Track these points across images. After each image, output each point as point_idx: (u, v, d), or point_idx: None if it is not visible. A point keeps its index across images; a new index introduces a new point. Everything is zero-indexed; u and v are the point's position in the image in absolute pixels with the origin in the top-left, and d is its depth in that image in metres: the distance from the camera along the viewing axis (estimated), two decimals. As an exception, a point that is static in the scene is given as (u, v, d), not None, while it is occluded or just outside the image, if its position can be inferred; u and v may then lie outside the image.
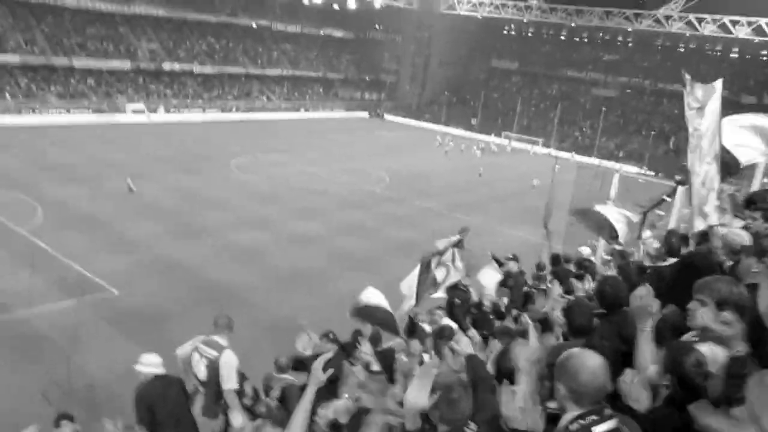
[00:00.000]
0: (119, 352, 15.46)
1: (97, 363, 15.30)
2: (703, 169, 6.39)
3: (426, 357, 7.22)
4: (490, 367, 4.83)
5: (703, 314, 3.28)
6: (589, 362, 2.67)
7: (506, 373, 4.28)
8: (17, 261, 20.97)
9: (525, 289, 10.78)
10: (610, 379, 2.68)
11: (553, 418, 3.12)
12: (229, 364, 6.61)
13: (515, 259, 11.50)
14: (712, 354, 2.98)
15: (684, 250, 6.54)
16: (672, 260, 6.51)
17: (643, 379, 3.21)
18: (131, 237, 26.05)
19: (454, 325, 7.69)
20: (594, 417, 2.61)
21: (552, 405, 3.13)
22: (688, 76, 6.21)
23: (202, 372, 6.70)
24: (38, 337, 16.70)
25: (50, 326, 17.13)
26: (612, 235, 10.77)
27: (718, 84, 6.32)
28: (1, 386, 14.44)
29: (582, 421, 2.62)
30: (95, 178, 35.36)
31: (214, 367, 6.61)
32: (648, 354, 3.40)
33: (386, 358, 7.74)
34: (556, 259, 11.64)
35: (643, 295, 3.65)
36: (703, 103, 6.29)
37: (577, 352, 2.78)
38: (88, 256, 22.93)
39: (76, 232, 25.76)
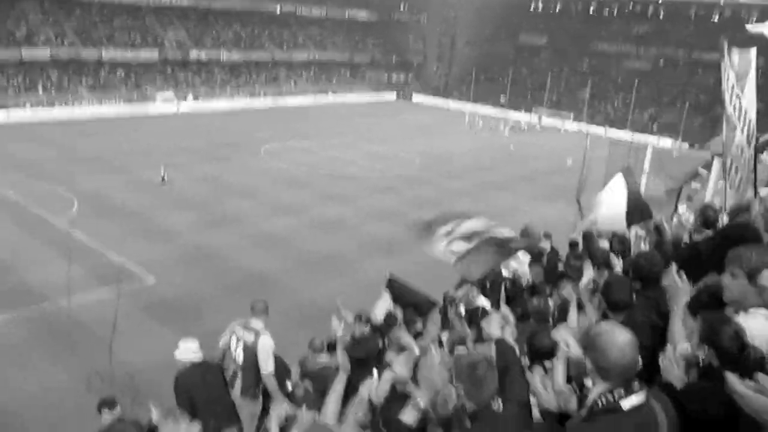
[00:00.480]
0: (158, 341, 15.72)
1: (137, 351, 15.59)
2: (743, 140, 6.18)
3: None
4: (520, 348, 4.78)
5: (735, 286, 3.27)
6: (618, 339, 2.65)
7: (538, 354, 4.23)
8: (55, 252, 21.39)
9: (559, 267, 10.62)
10: (638, 356, 2.66)
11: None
12: (266, 348, 6.76)
13: (548, 236, 11.34)
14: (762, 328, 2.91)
15: (719, 224, 6.38)
16: (708, 233, 6.35)
17: (677, 354, 3.16)
18: (165, 226, 26.43)
19: (487, 305, 7.64)
20: (621, 391, 2.62)
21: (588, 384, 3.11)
22: (725, 43, 5.98)
23: (240, 356, 6.83)
24: (78, 326, 17.07)
25: (89, 316, 17.49)
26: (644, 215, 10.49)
27: (753, 51, 6.09)
28: (45, 377, 14.81)
29: (609, 396, 2.63)
30: (128, 168, 35.87)
31: (251, 351, 6.74)
32: (679, 331, 3.38)
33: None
34: (588, 237, 11.42)
35: (674, 273, 3.68)
36: (742, 72, 6.05)
37: (606, 328, 2.77)
38: (124, 246, 23.34)
39: (112, 222, 26.22)
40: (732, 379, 2.55)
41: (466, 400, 3.29)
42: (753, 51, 6.07)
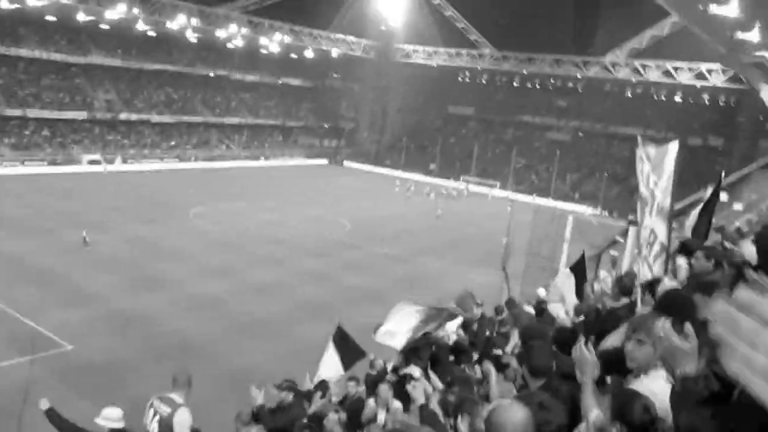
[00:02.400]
0: (73, 411, 14.91)
1: (50, 424, 14.75)
2: (653, 222, 6.61)
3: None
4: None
5: (641, 353, 3.45)
6: (514, 417, 2.65)
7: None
8: (-34, 318, 20.28)
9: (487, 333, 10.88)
10: None
11: None
12: (183, 422, 6.38)
13: (479, 304, 11.62)
14: (658, 392, 3.08)
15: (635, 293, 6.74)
16: (625, 300, 6.71)
17: (591, 424, 3.27)
18: (87, 290, 25.48)
19: (417, 372, 7.75)
20: None
21: None
22: (640, 139, 6.51)
23: (154, 429, 6.45)
24: (-12, 397, 16.07)
25: (1, 385, 16.52)
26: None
27: (673, 146, 6.55)
28: (-52, 451, 13.83)
29: None
30: (50, 230, 34.62)
31: (166, 424, 6.37)
32: (591, 405, 3.47)
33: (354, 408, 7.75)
34: (511, 303, 11.79)
35: (582, 347, 3.77)
36: (656, 163, 6.54)
37: (503, 405, 2.79)
38: (41, 311, 22.31)
39: (30, 287, 25.10)
40: None
41: None
42: (672, 145, 6.55)
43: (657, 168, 6.70)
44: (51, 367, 17.84)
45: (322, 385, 9.65)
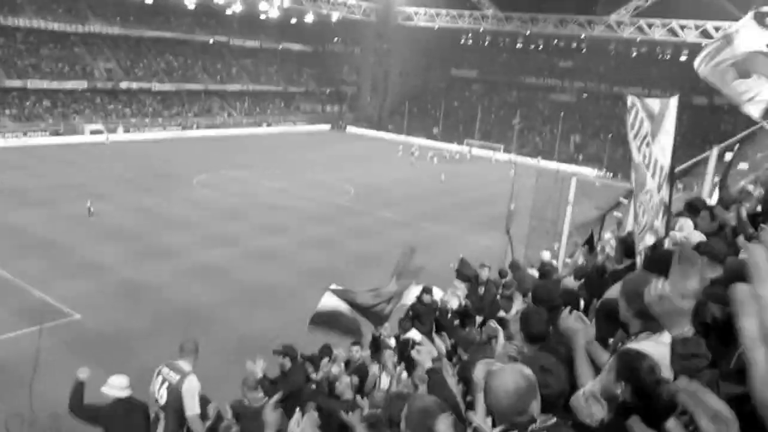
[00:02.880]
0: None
1: (61, 390, 14.94)
2: (654, 184, 6.51)
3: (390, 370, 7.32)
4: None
5: (620, 306, 3.47)
6: (507, 382, 2.68)
7: (468, 384, 4.35)
8: (-25, 290, 20.46)
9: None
10: (530, 399, 2.70)
11: None
12: (192, 389, 6.42)
13: (486, 266, 11.63)
14: (659, 355, 3.07)
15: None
16: (628, 261, 6.68)
17: (587, 393, 3.27)
18: (93, 260, 25.63)
19: (418, 337, 7.80)
20: None
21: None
22: (633, 98, 6.23)
23: (163, 396, 6.49)
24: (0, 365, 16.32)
25: (10, 355, 16.74)
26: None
27: (674, 101, 6.35)
28: (-38, 419, 14.06)
29: None
30: (54, 201, 34.70)
31: (175, 392, 6.42)
32: (584, 373, 3.47)
33: (360, 371, 7.82)
34: (515, 266, 11.80)
35: (566, 317, 3.76)
36: (658, 120, 6.31)
37: (498, 370, 2.82)
38: (48, 282, 22.49)
39: (36, 258, 25.25)
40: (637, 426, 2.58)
41: None
42: (673, 101, 6.35)
43: (658, 125, 6.49)
44: (60, 337, 18.05)
45: (327, 350, 9.72)
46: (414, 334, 8.31)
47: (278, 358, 8.22)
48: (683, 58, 71.55)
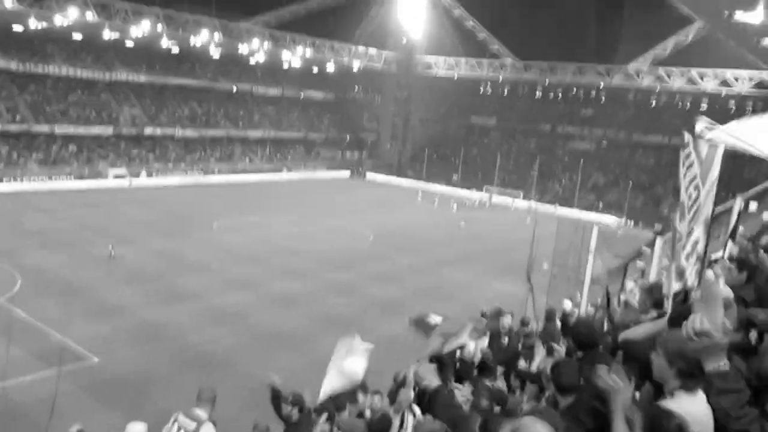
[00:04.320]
0: (101, 423, 15.06)
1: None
2: (690, 228, 6.40)
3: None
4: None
5: (656, 367, 3.43)
6: None
7: None
8: (-5, 331, 20.53)
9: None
10: None
11: None
12: None
13: (509, 314, 11.47)
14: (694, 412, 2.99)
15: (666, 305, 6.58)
16: (654, 312, 6.55)
17: None
18: (112, 303, 25.72)
19: (437, 383, 7.64)
20: None
21: None
22: (687, 134, 6.10)
23: None
24: (15, 410, 16.24)
25: (28, 398, 16.69)
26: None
27: (721, 148, 6.23)
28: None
29: None
30: (76, 244, 35.08)
31: None
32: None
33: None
34: (550, 315, 11.53)
35: (605, 374, 3.70)
36: (706, 164, 6.21)
37: (526, 423, 2.77)
38: (67, 324, 22.54)
39: (56, 300, 25.40)
40: None
41: None
42: (721, 147, 6.26)
43: (706, 169, 6.36)
44: (78, 380, 18.00)
45: (330, 404, 9.44)
46: (432, 380, 8.13)
47: (287, 408, 8.11)
48: (703, 107, 71.58)
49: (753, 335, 4.03)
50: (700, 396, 3.06)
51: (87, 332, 22.04)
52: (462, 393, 7.29)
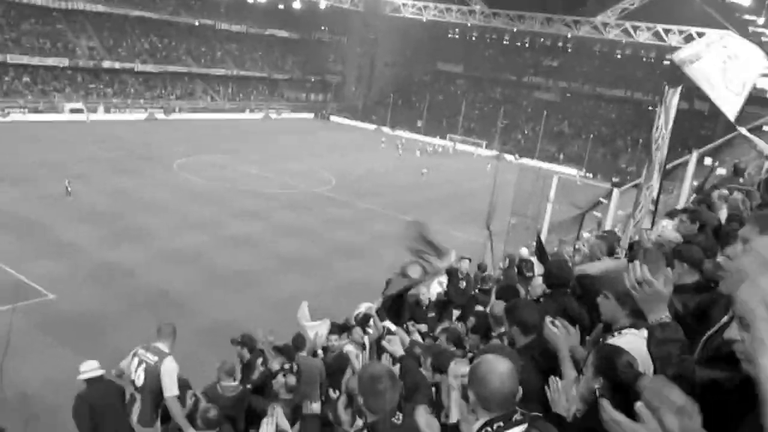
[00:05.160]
0: (56, 360, 15.04)
1: (33, 371, 14.82)
2: (655, 180, 6.55)
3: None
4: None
5: (606, 307, 3.58)
6: (498, 368, 2.69)
7: (442, 374, 4.39)
8: (-54, 266, 20.11)
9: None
10: (518, 386, 2.71)
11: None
12: (170, 370, 6.39)
13: (468, 259, 11.69)
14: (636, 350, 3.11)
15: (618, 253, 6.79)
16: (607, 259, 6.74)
17: (567, 385, 3.31)
18: (68, 241, 25.31)
19: (392, 326, 7.79)
20: (500, 423, 2.63)
21: None
22: (667, 86, 6.19)
23: (140, 377, 6.44)
24: (-31, 344, 16.04)
25: (-18, 333, 16.48)
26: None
27: (677, 91, 6.36)
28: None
29: (488, 429, 2.63)
30: (31, 179, 34.17)
31: (153, 373, 6.37)
32: (570, 376, 3.53)
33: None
34: (511, 261, 11.81)
35: (549, 325, 3.82)
36: (668, 111, 6.36)
37: (487, 358, 2.82)
38: (23, 261, 22.16)
39: (11, 236, 24.88)
40: (607, 407, 2.61)
41: (366, 412, 3.30)
42: (678, 91, 6.39)
43: (668, 117, 6.50)
44: (33, 317, 17.81)
45: (299, 339, 9.57)
46: (388, 323, 8.29)
47: (236, 348, 8.24)
48: (666, 63, 72.21)
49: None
50: (644, 331, 3.18)
51: (42, 269, 21.70)
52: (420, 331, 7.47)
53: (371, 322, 6.61)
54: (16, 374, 14.00)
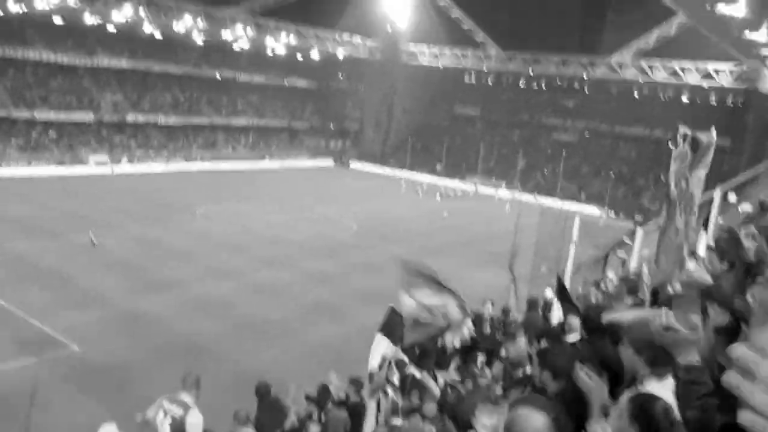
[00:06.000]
0: (81, 412, 15.03)
1: (59, 425, 14.82)
2: (684, 218, 6.47)
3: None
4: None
5: (624, 356, 3.55)
6: (534, 424, 2.64)
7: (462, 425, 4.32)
8: (-26, 319, 20.35)
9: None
10: None
11: None
12: (195, 423, 6.38)
13: (491, 301, 11.61)
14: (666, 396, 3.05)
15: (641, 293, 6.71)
16: (629, 300, 6.67)
17: None
18: (94, 291, 25.54)
19: (417, 373, 7.73)
20: None
21: None
22: (683, 128, 6.15)
23: (166, 431, 6.43)
24: (-4, 398, 16.12)
25: (6, 387, 16.56)
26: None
27: (713, 135, 6.30)
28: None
29: None
30: (57, 231, 34.73)
31: (178, 428, 6.36)
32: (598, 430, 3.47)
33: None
34: (532, 305, 11.66)
35: (580, 373, 3.76)
36: (700, 155, 6.27)
37: (523, 413, 2.76)
38: (48, 312, 22.36)
39: (36, 288, 25.16)
40: None
41: None
42: (713, 135, 6.33)
43: (698, 161, 6.41)
44: (58, 369, 17.90)
45: (325, 391, 9.54)
46: (414, 370, 8.24)
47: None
48: (685, 100, 72.22)
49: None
50: (669, 381, 3.12)
51: (68, 321, 21.87)
52: (443, 378, 7.38)
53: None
54: (41, 427, 14.00)
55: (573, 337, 6.31)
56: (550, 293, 13.24)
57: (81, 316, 22.59)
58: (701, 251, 8.09)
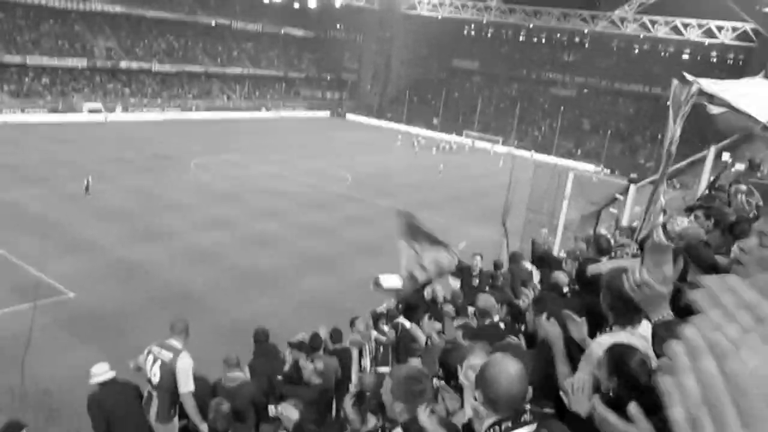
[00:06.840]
0: (76, 356, 15.22)
1: (53, 367, 15.04)
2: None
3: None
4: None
5: (602, 304, 3.53)
6: (508, 370, 2.68)
7: (448, 371, 4.39)
8: (-31, 265, 20.43)
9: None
10: (527, 387, 2.71)
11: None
12: (185, 367, 6.42)
13: (479, 255, 11.67)
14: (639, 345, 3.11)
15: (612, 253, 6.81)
16: (604, 260, 6.74)
17: (575, 384, 3.30)
18: (88, 239, 25.59)
19: (407, 324, 7.87)
20: (508, 424, 2.62)
21: None
22: (677, 81, 6.16)
23: (156, 375, 6.48)
24: (-9, 342, 16.30)
25: (2, 331, 16.74)
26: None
27: (695, 87, 6.33)
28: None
29: (496, 428, 2.63)
30: (50, 178, 34.60)
31: (168, 370, 6.41)
32: (563, 372, 3.51)
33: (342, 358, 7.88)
34: (514, 257, 11.80)
35: (544, 322, 3.80)
36: (682, 107, 6.32)
37: (496, 359, 2.82)
38: (42, 259, 22.42)
39: (31, 235, 25.19)
40: (599, 406, 2.56)
41: (400, 413, 3.30)
42: (695, 87, 6.34)
43: (681, 112, 6.45)
44: (53, 314, 18.05)
45: (316, 338, 9.64)
46: (403, 320, 8.39)
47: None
48: (685, 57, 71.47)
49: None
50: (640, 328, 3.17)
51: (62, 267, 21.98)
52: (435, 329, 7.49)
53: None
54: (36, 370, 14.21)
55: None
56: (545, 232, 13.40)
57: (75, 263, 22.70)
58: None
